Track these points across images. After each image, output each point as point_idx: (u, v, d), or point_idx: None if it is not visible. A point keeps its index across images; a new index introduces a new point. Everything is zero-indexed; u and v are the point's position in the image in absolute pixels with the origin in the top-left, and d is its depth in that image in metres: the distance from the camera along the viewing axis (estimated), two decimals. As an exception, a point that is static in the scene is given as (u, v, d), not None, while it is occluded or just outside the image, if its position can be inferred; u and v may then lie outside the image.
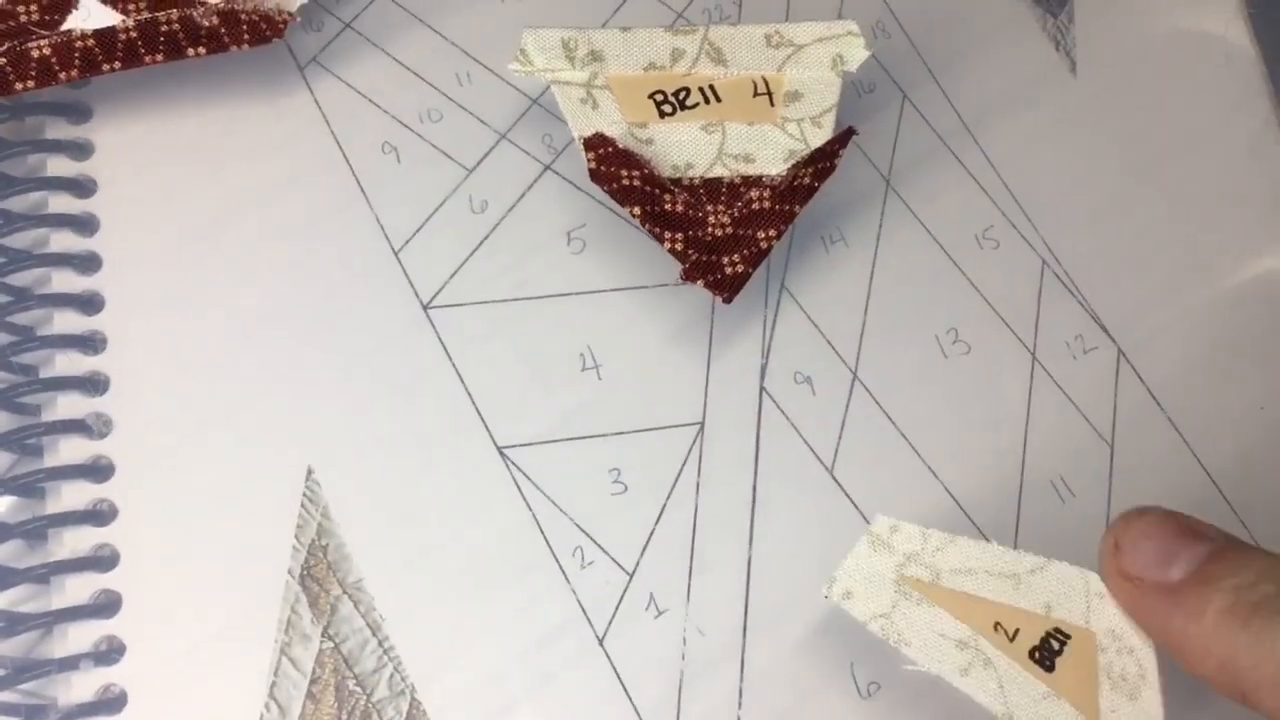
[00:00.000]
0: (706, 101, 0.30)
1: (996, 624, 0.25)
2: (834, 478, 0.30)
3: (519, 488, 0.29)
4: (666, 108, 0.30)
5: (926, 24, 0.35)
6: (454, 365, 0.30)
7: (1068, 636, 0.25)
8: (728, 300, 0.29)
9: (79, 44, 0.29)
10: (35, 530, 0.27)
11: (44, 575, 0.27)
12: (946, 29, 0.35)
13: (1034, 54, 0.35)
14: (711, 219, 0.29)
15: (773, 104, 0.30)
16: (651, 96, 0.30)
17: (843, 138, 0.30)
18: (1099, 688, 0.25)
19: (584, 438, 0.30)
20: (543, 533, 0.29)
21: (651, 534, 0.29)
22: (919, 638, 0.26)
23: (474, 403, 0.30)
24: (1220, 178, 0.34)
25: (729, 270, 0.29)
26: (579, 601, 0.28)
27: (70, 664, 0.26)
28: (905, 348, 0.31)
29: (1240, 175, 0.34)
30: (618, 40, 0.30)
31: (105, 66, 0.29)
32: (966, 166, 0.33)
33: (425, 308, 0.30)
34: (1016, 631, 0.25)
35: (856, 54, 0.30)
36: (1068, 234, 0.33)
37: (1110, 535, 0.24)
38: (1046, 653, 0.25)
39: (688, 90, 0.30)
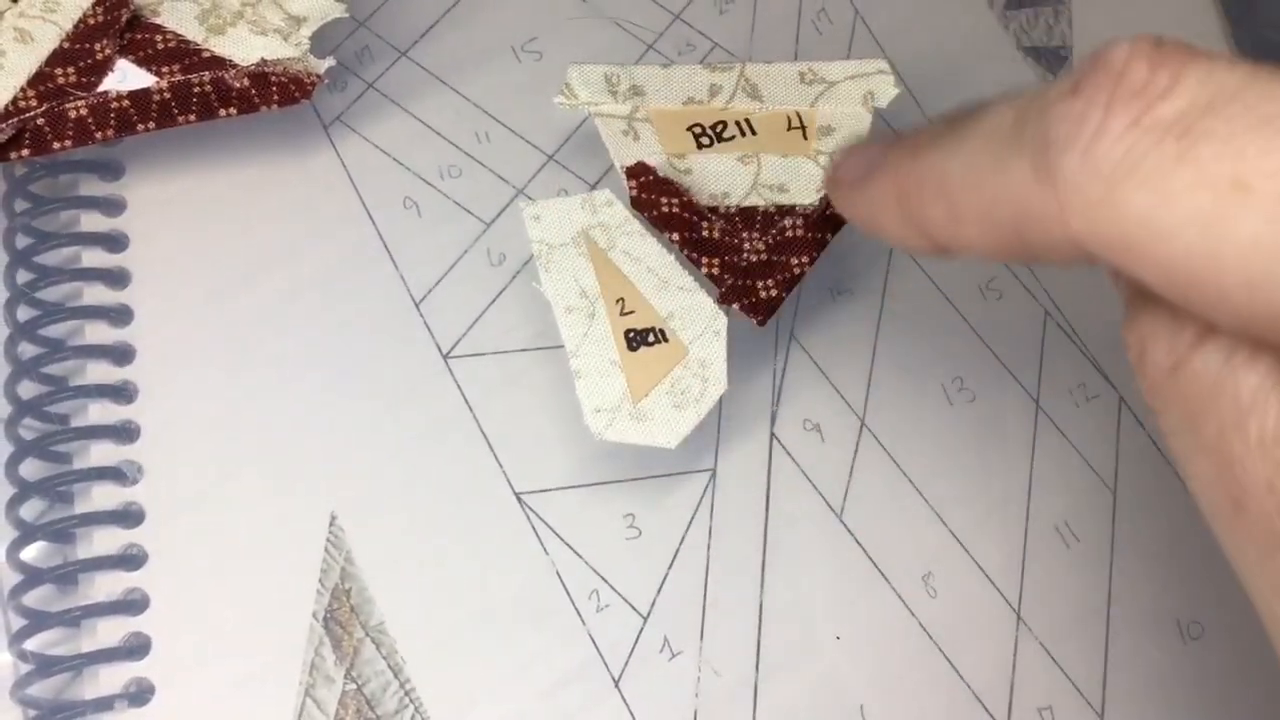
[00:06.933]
0: (743, 134, 0.31)
1: (621, 299, 0.29)
2: (843, 522, 0.31)
3: (536, 533, 0.30)
4: (704, 140, 0.31)
5: (929, 80, 0.36)
6: (473, 413, 0.31)
7: (666, 340, 0.29)
8: (762, 323, 0.29)
9: (115, 105, 0.30)
10: (67, 575, 0.28)
11: (75, 619, 0.28)
12: (949, 84, 0.36)
13: (1034, 110, 0.36)
14: (747, 245, 0.30)
15: (806, 137, 0.32)
16: (690, 129, 0.31)
17: None
18: (656, 384, 0.28)
19: (599, 484, 0.30)
20: (560, 577, 0.29)
21: (665, 578, 0.30)
22: (559, 271, 0.29)
23: (492, 450, 0.30)
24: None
25: (763, 294, 0.30)
26: (595, 644, 0.29)
27: (104, 704, 0.27)
28: (912, 396, 0.32)
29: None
30: (658, 76, 0.31)
31: (140, 126, 0.30)
32: (970, 219, 0.34)
33: (445, 357, 0.31)
34: (631, 312, 0.29)
35: (887, 91, 0.32)
36: (1069, 285, 0.34)
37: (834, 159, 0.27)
38: (639, 337, 0.29)
39: (725, 124, 0.31)
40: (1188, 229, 0.17)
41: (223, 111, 0.30)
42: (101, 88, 0.30)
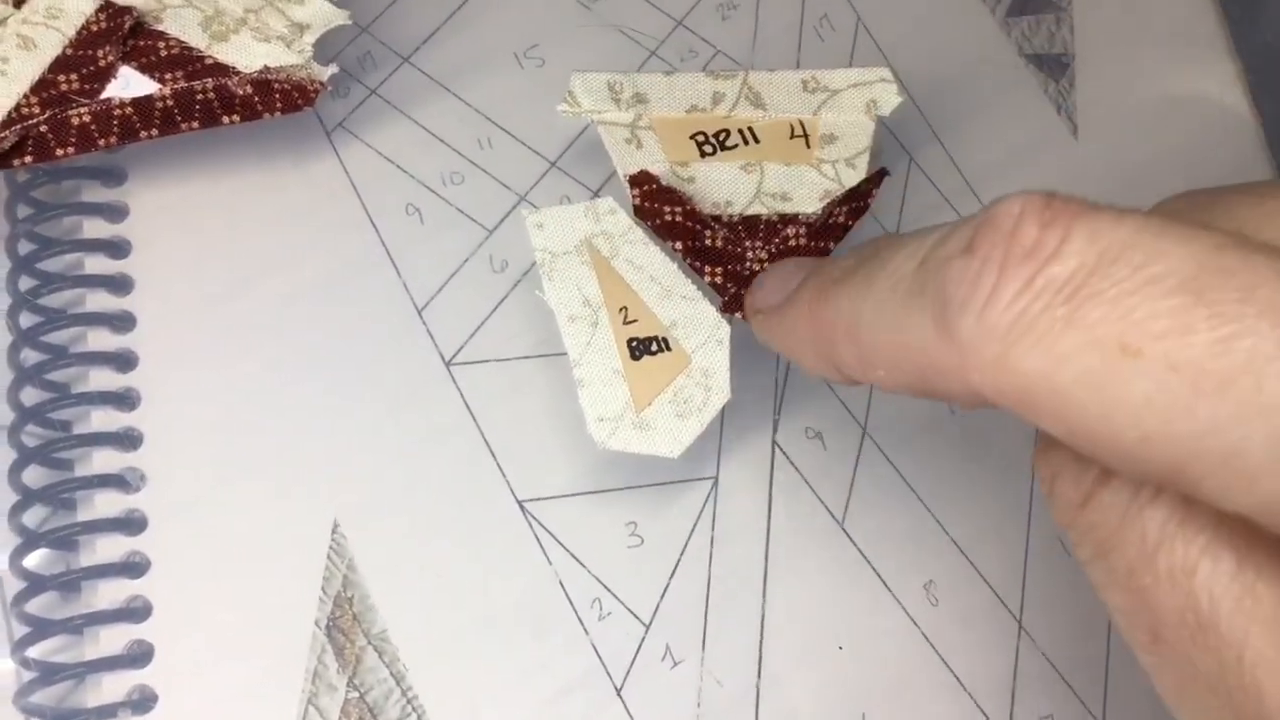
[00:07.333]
0: (746, 143, 0.31)
1: (624, 307, 0.29)
2: (845, 531, 0.31)
3: (539, 540, 0.30)
4: (707, 148, 0.31)
5: (931, 86, 0.36)
6: (475, 421, 0.31)
7: (669, 349, 0.29)
8: None
9: (118, 112, 0.30)
10: (70, 582, 0.28)
11: (78, 626, 0.28)
12: (951, 92, 0.36)
13: (1036, 117, 0.36)
14: (750, 254, 0.30)
15: (809, 146, 0.32)
16: (693, 137, 0.31)
17: (876, 178, 0.31)
18: (659, 393, 0.28)
19: (602, 491, 0.30)
20: (562, 585, 0.30)
21: (668, 586, 0.30)
22: (562, 280, 0.29)
23: (494, 457, 0.30)
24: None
25: None
26: (597, 652, 0.29)
27: (107, 712, 0.27)
28: (913, 404, 0.32)
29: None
30: (661, 83, 0.31)
31: (143, 133, 0.30)
32: (972, 227, 0.34)
33: (448, 364, 0.31)
34: (634, 321, 0.29)
35: (889, 99, 0.32)
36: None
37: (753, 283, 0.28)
38: (642, 346, 0.29)
39: (728, 132, 0.31)
40: (1080, 389, 0.17)
41: (225, 119, 0.30)
42: (104, 95, 0.30)
